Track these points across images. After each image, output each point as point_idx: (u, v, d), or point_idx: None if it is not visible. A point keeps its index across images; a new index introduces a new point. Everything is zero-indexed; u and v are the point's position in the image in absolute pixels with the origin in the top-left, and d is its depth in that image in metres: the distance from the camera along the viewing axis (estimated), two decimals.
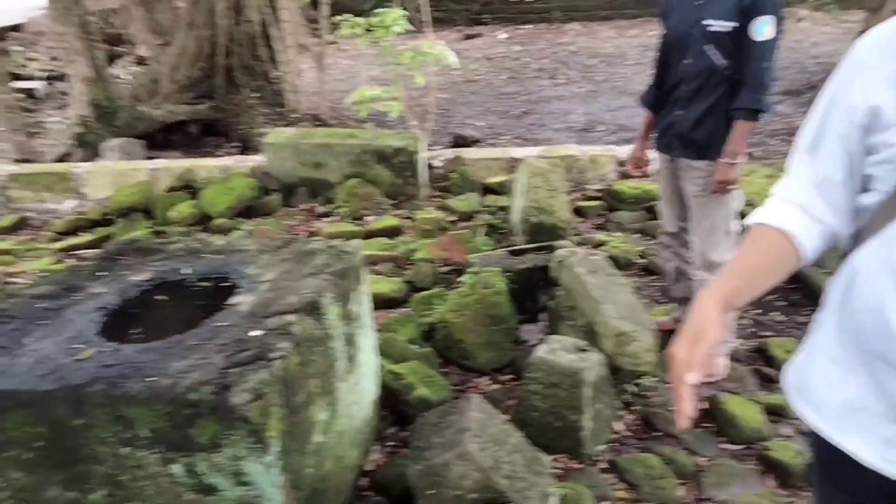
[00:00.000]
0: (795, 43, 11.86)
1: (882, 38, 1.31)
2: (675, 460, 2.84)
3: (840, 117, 1.36)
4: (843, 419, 1.42)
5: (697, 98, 3.16)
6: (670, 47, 3.27)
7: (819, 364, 1.48)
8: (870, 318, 1.31)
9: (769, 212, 1.46)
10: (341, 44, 13.45)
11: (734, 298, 1.36)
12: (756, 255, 1.44)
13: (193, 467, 1.78)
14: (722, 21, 3.00)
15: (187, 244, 2.55)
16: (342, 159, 5.56)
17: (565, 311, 3.39)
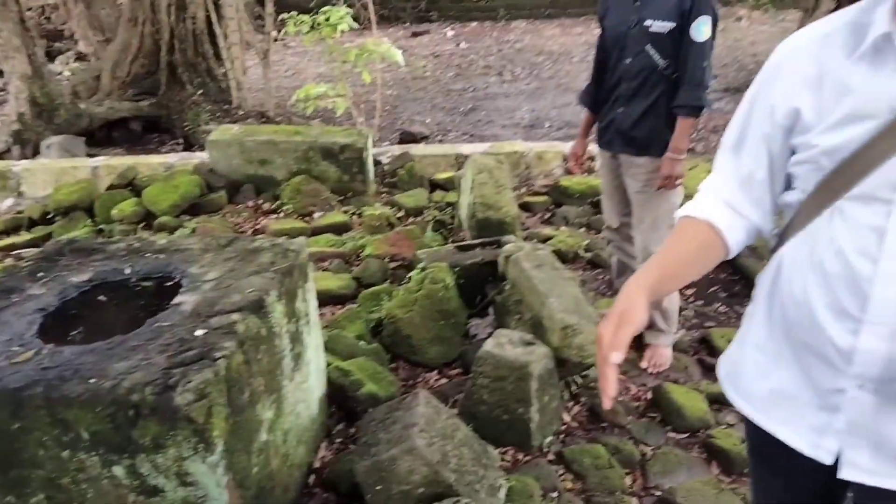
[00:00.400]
0: (735, 41, 12.12)
1: (801, 42, 1.36)
2: (622, 450, 2.88)
3: (762, 117, 1.40)
4: (774, 408, 1.47)
5: (638, 96, 3.21)
6: (609, 47, 3.30)
7: (749, 354, 1.53)
8: (795, 310, 1.36)
9: (696, 206, 1.50)
10: (288, 41, 13.32)
11: (660, 286, 1.39)
12: (683, 245, 1.47)
13: (136, 469, 1.75)
14: (661, 21, 3.06)
15: (129, 243, 2.50)
16: (288, 156, 5.51)
17: (512, 305, 3.40)
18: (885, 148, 1.19)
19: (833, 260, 1.28)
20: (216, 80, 8.00)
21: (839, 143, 1.25)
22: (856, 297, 1.25)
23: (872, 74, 1.23)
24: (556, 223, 5.21)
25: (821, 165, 1.29)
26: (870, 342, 1.25)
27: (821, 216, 1.30)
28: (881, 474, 1.33)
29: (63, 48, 11.69)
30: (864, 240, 1.24)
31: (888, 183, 1.20)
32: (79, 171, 5.90)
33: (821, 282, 1.31)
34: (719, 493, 2.65)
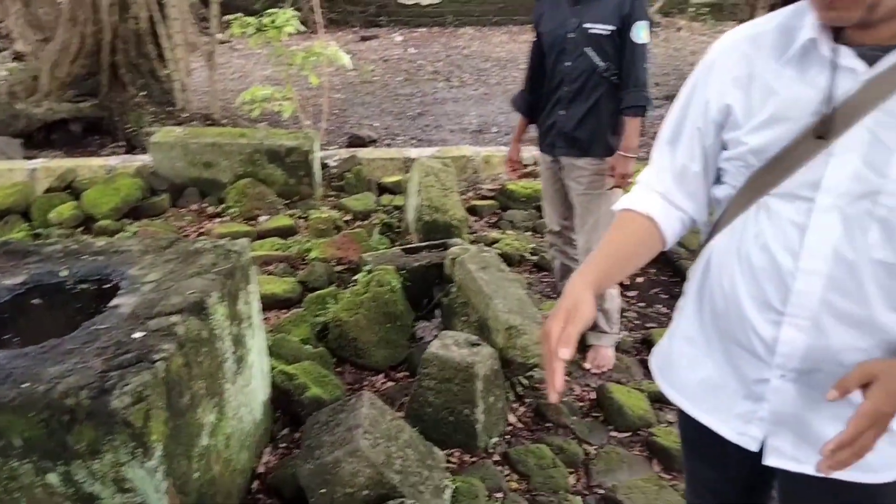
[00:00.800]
0: (675, 51, 12.36)
1: (734, 41, 1.40)
2: (566, 450, 2.90)
3: (697, 113, 1.44)
4: (703, 397, 1.51)
5: (579, 98, 3.26)
6: (547, 51, 3.33)
7: (679, 346, 1.57)
8: (723, 302, 1.41)
9: (634, 199, 1.53)
10: (234, 43, 13.18)
11: (604, 280, 1.41)
12: (623, 238, 1.50)
13: (71, 476, 1.70)
14: (602, 25, 3.13)
15: (65, 245, 2.43)
16: (233, 159, 5.44)
17: (458, 307, 3.41)
18: (806, 149, 1.24)
19: (759, 254, 1.32)
20: (160, 82, 7.83)
21: (765, 143, 1.29)
22: (778, 290, 1.30)
23: (797, 78, 1.27)
24: (502, 227, 5.24)
25: (749, 163, 1.33)
26: (791, 334, 1.30)
27: (748, 211, 1.34)
28: (803, 461, 1.37)
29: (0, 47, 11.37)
30: (787, 235, 1.28)
31: (809, 182, 1.24)
32: (15, 174, 5.72)
33: (747, 275, 1.35)
34: (660, 489, 2.70)
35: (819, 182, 1.24)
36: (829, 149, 1.22)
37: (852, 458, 1.17)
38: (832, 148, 1.22)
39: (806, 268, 1.26)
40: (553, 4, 3.29)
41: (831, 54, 1.22)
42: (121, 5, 7.46)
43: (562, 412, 3.11)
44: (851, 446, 1.15)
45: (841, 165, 1.22)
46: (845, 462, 1.17)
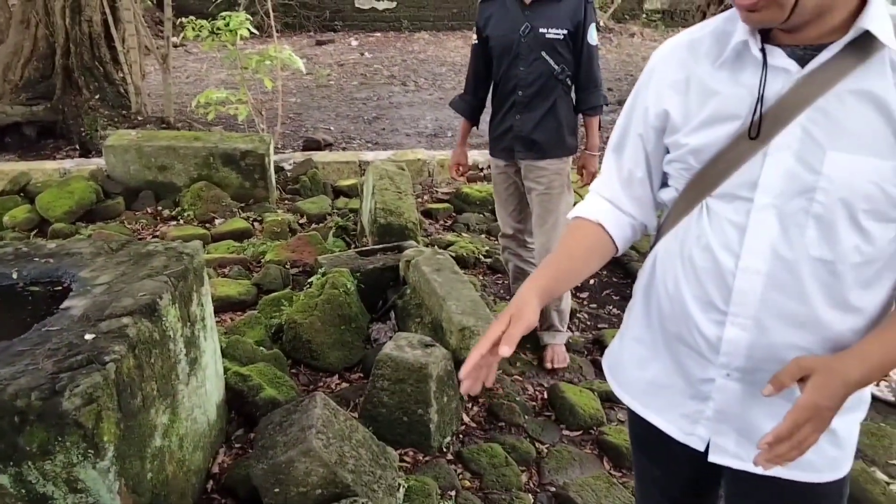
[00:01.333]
0: (628, 57, 12.55)
1: (671, 48, 1.43)
2: (518, 448, 2.94)
3: (639, 119, 1.47)
4: (650, 397, 1.53)
5: (535, 102, 3.29)
6: (498, 55, 3.33)
7: (628, 346, 1.59)
8: (668, 303, 1.43)
9: (585, 207, 1.56)
10: (190, 47, 13.03)
11: (553, 286, 1.43)
12: (573, 246, 1.52)
13: (23, 477, 1.68)
14: (556, 29, 3.18)
15: (16, 248, 2.40)
16: (188, 162, 5.39)
17: (413, 308, 3.43)
18: (742, 149, 1.26)
19: (701, 254, 1.34)
20: (114, 85, 7.72)
21: (703, 144, 1.32)
22: (721, 290, 1.32)
23: (732, 80, 1.30)
24: (457, 230, 5.29)
25: (689, 165, 1.36)
26: (733, 333, 1.32)
27: (691, 213, 1.36)
28: (745, 459, 1.39)
29: None
30: (728, 235, 1.30)
31: (748, 182, 1.27)
32: None
33: (690, 275, 1.37)
34: (610, 486, 2.74)
35: (756, 182, 1.26)
36: (764, 148, 1.24)
37: (791, 453, 1.17)
38: (768, 147, 1.24)
39: (746, 267, 1.28)
40: (501, 8, 3.29)
41: (762, 55, 1.25)
42: (73, 8, 7.33)
43: (514, 412, 3.14)
44: (789, 440, 1.16)
45: (776, 164, 1.24)
46: (783, 456, 1.17)
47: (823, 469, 1.37)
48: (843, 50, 1.18)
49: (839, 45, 1.19)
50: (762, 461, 1.18)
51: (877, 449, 3.07)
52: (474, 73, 3.52)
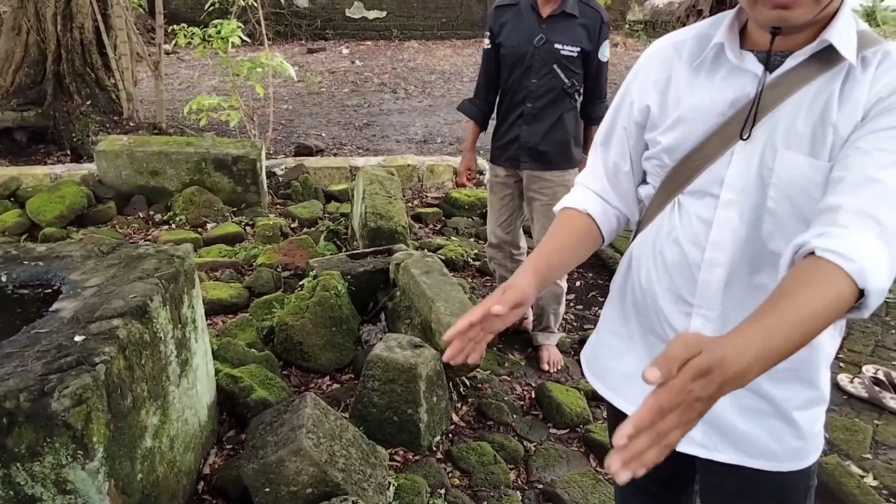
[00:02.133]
0: (612, 66, 12.57)
1: (658, 47, 1.46)
2: (506, 447, 2.94)
3: (624, 113, 1.49)
4: (625, 388, 1.55)
5: (544, 114, 3.25)
6: (510, 64, 3.27)
7: (605, 339, 1.62)
8: (642, 296, 1.45)
9: (573, 198, 1.57)
10: (182, 54, 13.01)
11: (546, 272, 1.42)
12: (564, 234, 1.53)
13: (11, 478, 1.65)
14: (572, 46, 3.15)
15: (5, 251, 2.36)
16: (180, 167, 5.36)
17: (403, 310, 3.42)
18: (714, 147, 1.30)
19: (671, 248, 1.37)
20: (106, 91, 7.67)
21: (676, 142, 1.35)
22: (688, 283, 1.35)
23: (707, 81, 1.33)
24: (446, 233, 5.28)
25: (664, 162, 1.38)
26: (699, 324, 1.35)
27: (664, 209, 1.40)
28: (710, 448, 1.41)
29: None
30: (696, 230, 1.33)
31: (717, 179, 1.30)
32: None
33: (661, 269, 1.40)
34: (596, 483, 2.75)
35: (723, 179, 1.29)
36: (732, 147, 1.28)
37: (649, 453, 0.88)
38: (735, 147, 1.27)
39: (709, 259, 1.31)
40: (517, 17, 3.23)
41: (736, 59, 1.29)
42: (65, 15, 7.29)
43: (503, 411, 3.14)
44: (650, 431, 0.88)
45: (740, 163, 1.27)
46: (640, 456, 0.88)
47: (785, 459, 1.38)
48: (809, 58, 1.22)
49: (804, 54, 1.23)
50: (615, 464, 0.88)
51: (851, 443, 3.11)
52: (486, 77, 3.44)
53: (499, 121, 3.44)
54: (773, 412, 1.36)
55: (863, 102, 1.18)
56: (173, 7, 14.62)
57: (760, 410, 1.37)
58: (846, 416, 3.30)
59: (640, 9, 16.69)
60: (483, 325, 1.28)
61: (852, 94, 1.19)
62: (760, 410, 1.37)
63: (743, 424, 1.38)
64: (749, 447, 1.39)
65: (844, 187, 1.11)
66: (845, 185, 1.11)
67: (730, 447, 1.40)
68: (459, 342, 1.29)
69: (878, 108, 1.16)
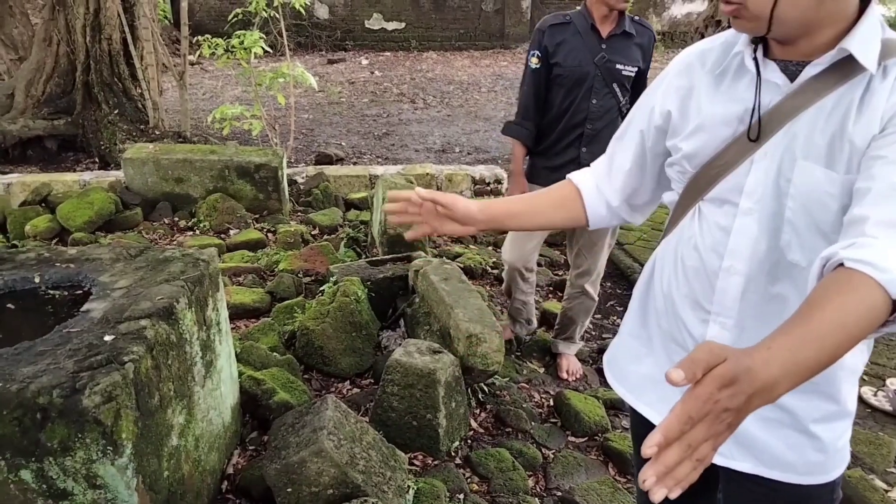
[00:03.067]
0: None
1: (686, 55, 1.47)
2: (525, 453, 2.94)
3: (643, 115, 1.51)
4: (644, 391, 1.56)
5: (603, 134, 3.16)
6: (569, 85, 3.17)
7: (625, 342, 1.63)
8: (662, 301, 1.47)
9: (577, 174, 1.65)
10: (205, 64, 13.14)
11: (501, 214, 1.59)
12: (543, 195, 1.63)
13: (44, 472, 1.69)
14: (631, 66, 3.13)
15: (38, 253, 2.41)
16: (204, 174, 5.42)
17: (422, 316, 3.43)
18: (733, 155, 1.30)
19: (691, 255, 1.38)
20: (132, 101, 7.79)
21: (696, 149, 1.36)
22: (705, 289, 1.36)
23: (729, 89, 1.34)
24: (465, 241, 5.29)
25: (685, 168, 1.39)
26: (716, 331, 1.35)
27: (686, 216, 1.41)
28: (727, 456, 1.41)
29: None
30: (715, 237, 1.34)
31: (736, 187, 1.30)
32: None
33: (681, 275, 1.41)
34: (615, 492, 2.74)
35: (743, 187, 1.29)
36: (752, 156, 1.27)
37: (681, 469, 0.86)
38: (755, 155, 1.27)
39: (727, 267, 1.32)
40: (574, 36, 3.14)
41: (755, 68, 1.29)
42: (94, 26, 7.42)
43: (521, 418, 3.14)
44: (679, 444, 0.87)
45: (759, 171, 1.27)
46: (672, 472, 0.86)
47: (805, 472, 1.37)
48: (830, 67, 1.21)
49: (823, 63, 1.21)
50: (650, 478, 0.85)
51: (875, 457, 3.07)
52: (535, 98, 3.27)
53: (551, 142, 3.31)
54: (791, 423, 1.35)
55: (880, 113, 1.16)
56: (197, 19, 14.79)
57: (777, 420, 1.36)
58: (870, 430, 3.26)
59: (659, 20, 16.69)
60: (422, 211, 1.54)
61: (870, 104, 1.17)
62: (777, 420, 1.36)
63: (760, 434, 1.37)
64: (766, 457, 1.37)
65: (871, 198, 1.08)
66: (872, 195, 1.09)
67: (747, 456, 1.39)
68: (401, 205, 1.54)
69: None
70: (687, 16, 16.59)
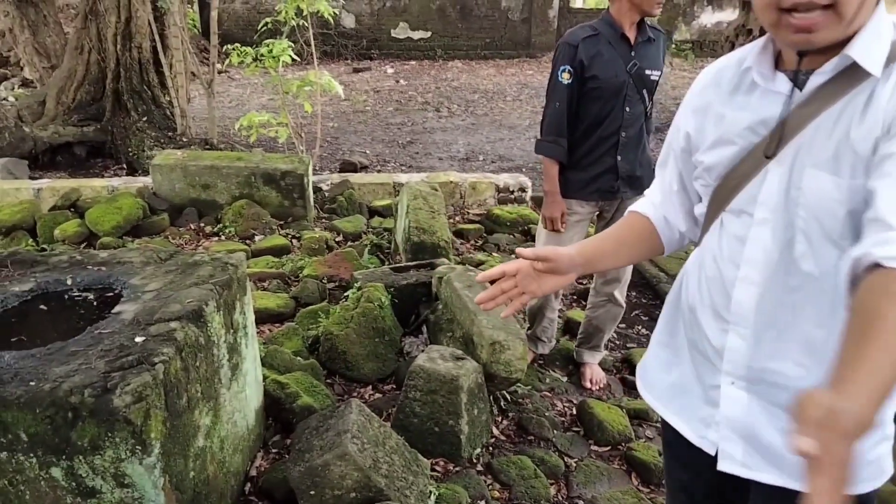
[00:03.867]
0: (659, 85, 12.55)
1: (704, 74, 1.50)
2: (547, 461, 2.93)
3: (674, 138, 1.55)
4: (672, 399, 1.57)
5: (635, 140, 3.22)
6: (605, 97, 3.12)
7: (655, 351, 1.64)
8: (688, 311, 1.49)
9: (640, 204, 1.66)
10: (232, 73, 13.28)
11: (594, 254, 1.56)
12: (622, 229, 1.63)
13: (74, 470, 1.73)
14: (657, 70, 3.17)
15: (71, 256, 2.47)
16: (231, 181, 5.49)
17: (445, 323, 3.45)
18: (748, 167, 1.31)
19: (712, 265, 1.40)
20: (161, 108, 7.91)
21: (713, 162, 1.38)
22: (723, 300, 1.37)
23: (742, 103, 1.36)
24: (488, 249, 5.30)
25: (707, 181, 1.42)
26: (734, 341, 1.36)
27: (712, 227, 1.43)
28: (752, 468, 1.40)
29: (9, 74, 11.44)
30: (733, 248, 1.35)
31: (752, 198, 1.31)
32: (21, 193, 5.77)
33: (703, 285, 1.43)
34: (638, 502, 2.73)
35: (757, 197, 1.30)
36: (766, 166, 1.28)
37: None
38: (768, 165, 1.28)
39: (743, 277, 1.33)
40: (607, 47, 3.09)
41: (762, 81, 1.31)
42: (125, 35, 7.56)
43: (543, 426, 3.14)
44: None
45: (772, 181, 1.28)
46: None
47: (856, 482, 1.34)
48: (838, 75, 1.21)
49: (828, 72, 1.21)
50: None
51: None
52: (568, 114, 3.19)
53: (583, 153, 3.25)
54: None
55: (882, 115, 1.15)
56: (225, 28, 14.95)
57: None
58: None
59: (688, 28, 16.60)
60: (518, 280, 1.47)
61: (871, 107, 1.17)
62: None
63: (784, 445, 1.34)
64: (791, 469, 1.35)
65: (890, 193, 1.09)
66: (890, 191, 1.09)
67: (772, 468, 1.38)
68: (493, 289, 1.47)
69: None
70: (717, 24, 16.49)
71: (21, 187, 5.88)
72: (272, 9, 10.74)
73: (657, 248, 1.61)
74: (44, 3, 8.39)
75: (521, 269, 1.50)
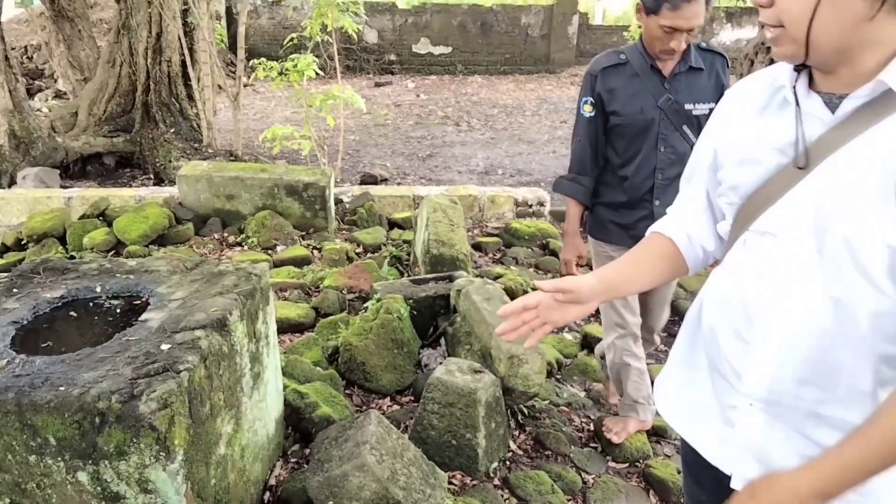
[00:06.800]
0: None
1: (734, 91, 1.48)
2: (564, 477, 2.91)
3: (700, 154, 1.54)
4: (690, 417, 1.54)
5: (675, 181, 2.64)
6: (631, 136, 2.78)
7: (674, 369, 1.62)
8: (709, 330, 1.46)
9: (661, 224, 1.62)
10: (257, 87, 13.40)
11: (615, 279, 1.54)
12: (643, 251, 1.60)
13: (99, 475, 1.74)
14: (704, 104, 2.72)
15: (100, 264, 2.49)
16: (254, 192, 5.53)
17: (463, 335, 3.44)
18: (775, 187, 1.29)
19: (734, 284, 1.37)
20: (188, 120, 8.02)
21: (739, 181, 1.36)
22: (746, 321, 1.33)
23: (772, 123, 1.33)
24: (506, 263, 5.30)
25: (731, 200, 1.39)
26: (753, 363, 1.32)
27: (735, 245, 1.40)
28: None
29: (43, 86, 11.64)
30: (756, 268, 1.32)
31: (777, 218, 1.28)
32: (52, 201, 5.86)
33: (724, 305, 1.39)
34: None
35: (783, 218, 1.27)
36: (794, 188, 1.25)
37: None
38: (797, 187, 1.25)
39: (767, 299, 1.29)
40: (631, 79, 2.74)
41: (795, 101, 1.28)
42: (155, 49, 7.69)
43: (561, 441, 3.12)
44: None
45: (799, 203, 1.25)
46: None
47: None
48: (874, 100, 1.17)
49: (862, 97, 1.18)
50: None
51: None
52: (592, 151, 2.87)
53: (613, 195, 2.93)
54: None
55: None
56: (251, 42, 15.11)
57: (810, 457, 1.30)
58: None
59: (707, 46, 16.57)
60: (539, 311, 1.45)
61: None
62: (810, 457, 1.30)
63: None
64: None
65: None
66: None
67: None
68: (514, 320, 1.44)
69: None
70: (736, 42, 16.46)
71: (52, 196, 5.98)
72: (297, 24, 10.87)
73: (681, 269, 1.58)
74: (79, 18, 8.54)
75: (542, 302, 1.47)
